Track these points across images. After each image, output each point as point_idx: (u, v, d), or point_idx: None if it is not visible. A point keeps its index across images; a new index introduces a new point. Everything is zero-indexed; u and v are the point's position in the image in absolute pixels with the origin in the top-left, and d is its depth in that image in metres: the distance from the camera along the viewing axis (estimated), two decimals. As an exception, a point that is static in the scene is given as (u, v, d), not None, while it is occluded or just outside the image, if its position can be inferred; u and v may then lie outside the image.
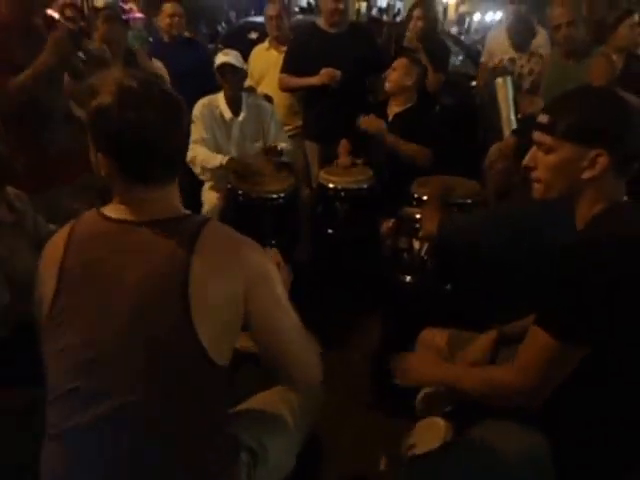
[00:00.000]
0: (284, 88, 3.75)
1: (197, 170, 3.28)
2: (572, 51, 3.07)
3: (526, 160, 1.40)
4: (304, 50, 3.60)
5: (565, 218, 1.43)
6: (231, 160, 3.17)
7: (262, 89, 4.00)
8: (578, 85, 2.88)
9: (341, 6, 3.51)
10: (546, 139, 1.32)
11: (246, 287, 1.16)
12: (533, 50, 4.15)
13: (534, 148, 1.38)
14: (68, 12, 4.27)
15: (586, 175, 1.28)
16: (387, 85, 3.29)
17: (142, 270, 1.11)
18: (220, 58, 3.24)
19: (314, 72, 3.50)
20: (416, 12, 4.10)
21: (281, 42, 3.99)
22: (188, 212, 1.23)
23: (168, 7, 4.14)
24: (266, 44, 4.15)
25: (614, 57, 3.40)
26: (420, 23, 4.04)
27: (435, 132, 3.29)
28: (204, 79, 3.58)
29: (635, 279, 1.19)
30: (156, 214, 1.17)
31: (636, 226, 1.29)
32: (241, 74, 3.31)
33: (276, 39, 4.04)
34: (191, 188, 3.37)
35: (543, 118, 1.34)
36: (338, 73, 3.45)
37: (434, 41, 4.13)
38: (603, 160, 1.26)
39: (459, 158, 3.83)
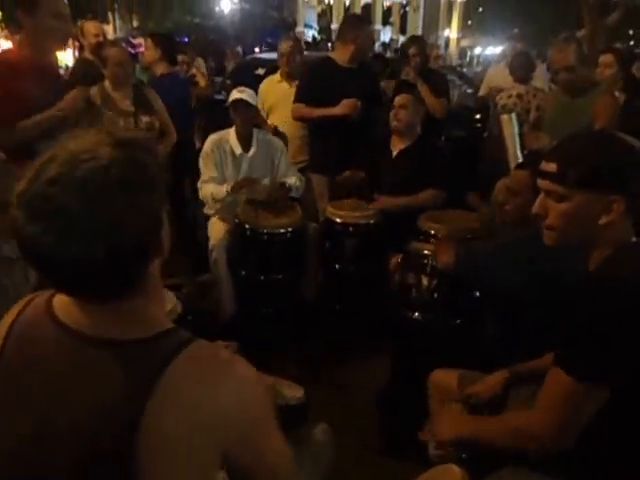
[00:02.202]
0: (298, 117, 3.79)
1: (211, 206, 3.33)
2: (573, 90, 3.11)
3: (535, 208, 1.38)
4: (319, 82, 3.67)
5: (578, 257, 1.43)
6: (235, 184, 3.20)
7: (272, 120, 4.05)
8: (581, 122, 2.97)
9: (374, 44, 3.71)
10: (557, 188, 1.30)
11: (225, 448, 0.91)
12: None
13: (542, 196, 1.36)
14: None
15: (603, 221, 1.28)
16: (394, 124, 3.32)
17: (84, 409, 0.87)
18: (235, 95, 3.28)
19: (327, 104, 3.57)
20: (412, 50, 4.40)
21: (292, 77, 4.07)
22: (169, 326, 0.95)
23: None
24: (277, 76, 4.22)
25: (617, 94, 3.47)
26: (417, 59, 4.33)
27: (442, 165, 3.32)
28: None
29: None
30: (119, 332, 0.90)
31: None
32: (253, 111, 3.35)
33: (287, 74, 4.12)
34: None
35: (551, 167, 1.32)
36: (359, 104, 3.51)
37: (430, 71, 4.45)
38: (618, 205, 1.26)
39: (464, 190, 3.87)
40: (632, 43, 19.25)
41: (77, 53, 5.50)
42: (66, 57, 5.84)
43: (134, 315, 0.93)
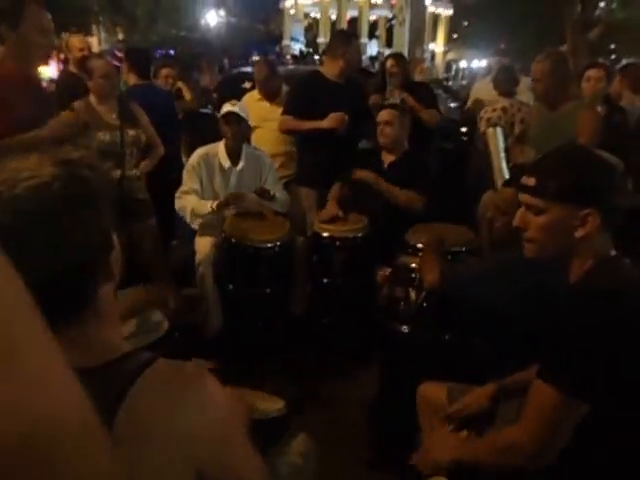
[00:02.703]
0: (286, 130, 3.81)
1: (188, 219, 3.29)
2: (553, 103, 3.15)
3: (516, 221, 1.44)
4: (308, 95, 3.70)
5: (560, 272, 1.46)
6: (221, 201, 3.19)
7: (255, 141, 3.97)
8: (563, 135, 3.00)
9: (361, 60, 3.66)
10: (536, 201, 1.37)
11: (197, 467, 0.87)
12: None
13: (522, 209, 1.42)
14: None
15: (579, 233, 1.34)
16: (381, 140, 3.35)
17: None
18: (227, 107, 3.29)
19: (316, 117, 3.59)
20: (389, 62, 4.38)
21: (270, 99, 4.09)
22: (128, 350, 0.91)
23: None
24: (256, 94, 4.23)
25: (598, 109, 3.52)
26: (394, 70, 4.28)
27: (430, 178, 3.36)
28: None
29: (632, 330, 1.22)
30: (76, 360, 0.82)
31: (626, 279, 1.35)
32: (244, 125, 3.34)
33: (265, 95, 4.14)
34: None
35: (530, 181, 1.39)
36: (346, 118, 3.54)
37: (416, 84, 4.44)
38: (593, 218, 1.32)
39: (450, 202, 3.89)
40: (614, 57, 19.55)
41: (61, 66, 5.47)
42: (49, 70, 5.81)
43: (87, 341, 0.87)
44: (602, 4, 9.99)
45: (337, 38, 3.94)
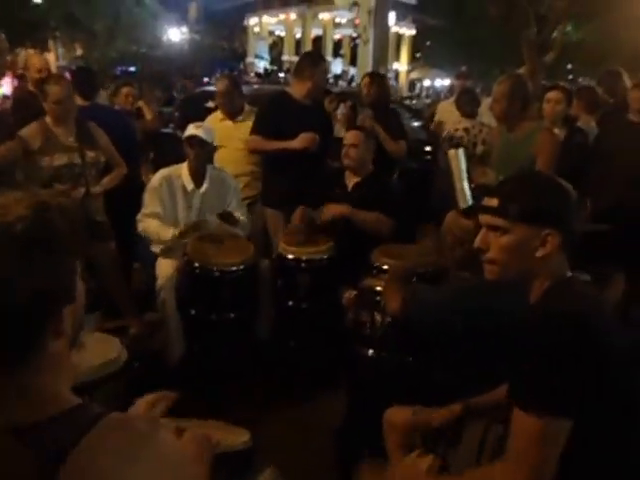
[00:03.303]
0: (254, 149, 3.78)
1: (154, 242, 3.24)
2: (511, 124, 3.19)
3: (477, 242, 1.47)
4: (276, 115, 3.68)
5: (518, 296, 1.49)
6: (185, 229, 3.13)
7: (216, 159, 3.93)
8: (523, 158, 3.05)
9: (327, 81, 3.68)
10: (499, 222, 1.40)
11: None
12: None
13: (484, 230, 1.46)
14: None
15: (539, 253, 1.38)
16: (346, 162, 3.34)
17: None
18: (191, 130, 3.24)
19: (284, 137, 3.57)
20: (364, 80, 4.42)
21: (232, 117, 4.05)
22: (76, 403, 0.85)
23: None
24: (219, 114, 4.16)
25: (556, 131, 3.59)
26: (366, 90, 4.28)
27: (395, 200, 3.35)
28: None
29: (590, 348, 1.25)
30: (17, 415, 0.79)
31: (582, 299, 1.39)
32: (208, 148, 3.30)
33: (227, 114, 4.08)
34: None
35: (493, 202, 1.43)
36: (317, 137, 3.53)
37: (387, 112, 4.32)
38: (553, 238, 1.37)
39: (415, 222, 3.91)
40: (571, 77, 20.16)
41: (16, 82, 5.32)
42: (3, 87, 5.65)
43: (29, 393, 0.82)
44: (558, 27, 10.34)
45: (305, 60, 3.94)
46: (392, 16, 21.35)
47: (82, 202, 3.24)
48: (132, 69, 15.15)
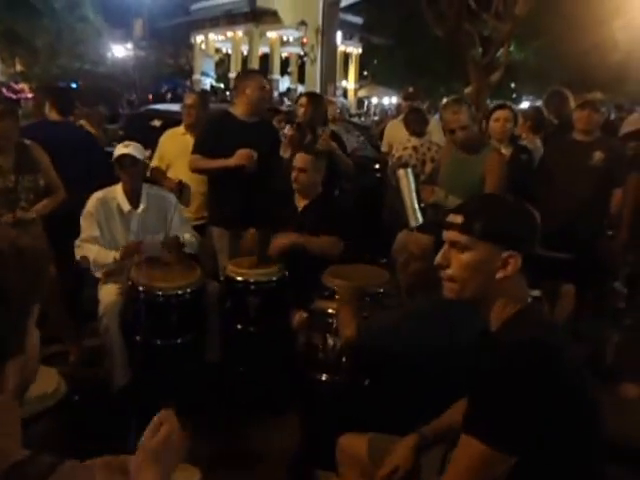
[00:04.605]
0: (194, 169, 3.71)
1: (91, 268, 3.10)
2: (469, 147, 3.23)
3: (438, 259, 1.44)
4: (217, 135, 3.61)
5: (474, 318, 1.48)
6: (125, 251, 3.03)
7: (175, 173, 3.95)
8: (474, 177, 3.09)
9: (267, 96, 3.70)
10: (461, 238, 1.38)
11: None
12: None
13: (446, 246, 1.43)
14: None
15: (499, 275, 1.36)
16: (295, 186, 3.29)
17: None
18: (119, 150, 3.13)
19: (225, 156, 3.50)
20: (301, 100, 4.50)
21: (195, 130, 3.99)
22: (20, 457, 0.79)
23: None
24: (181, 129, 4.14)
25: (503, 150, 3.66)
26: (303, 109, 4.32)
27: (345, 220, 3.31)
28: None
29: (553, 378, 1.23)
30: None
31: (543, 327, 1.38)
32: (140, 166, 3.21)
33: (191, 127, 4.06)
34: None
35: (457, 219, 1.40)
36: (254, 154, 3.47)
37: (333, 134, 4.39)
38: (515, 261, 1.35)
39: (366, 240, 3.89)
40: (514, 96, 20.88)
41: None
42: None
43: None
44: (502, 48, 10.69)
45: (239, 76, 4.04)
46: (339, 35, 21.63)
47: (13, 225, 3.08)
48: (74, 86, 14.77)
